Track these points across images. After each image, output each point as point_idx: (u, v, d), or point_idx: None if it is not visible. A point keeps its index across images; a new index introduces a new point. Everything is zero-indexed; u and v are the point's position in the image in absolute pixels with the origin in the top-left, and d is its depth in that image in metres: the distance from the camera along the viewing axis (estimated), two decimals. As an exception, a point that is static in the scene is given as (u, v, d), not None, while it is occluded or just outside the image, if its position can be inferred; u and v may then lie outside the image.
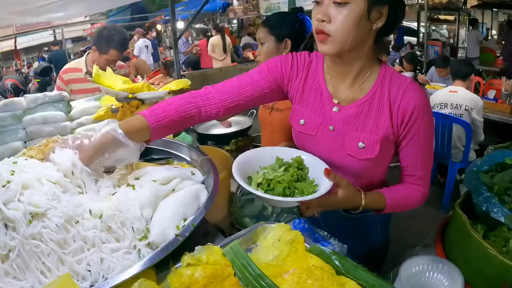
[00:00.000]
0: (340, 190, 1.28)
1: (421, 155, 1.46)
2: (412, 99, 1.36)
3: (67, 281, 0.92)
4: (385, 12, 1.29)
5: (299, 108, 1.55)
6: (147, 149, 1.78)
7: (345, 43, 1.28)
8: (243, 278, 0.96)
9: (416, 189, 1.53)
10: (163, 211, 1.19)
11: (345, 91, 1.45)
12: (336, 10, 1.24)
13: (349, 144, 1.43)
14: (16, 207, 1.06)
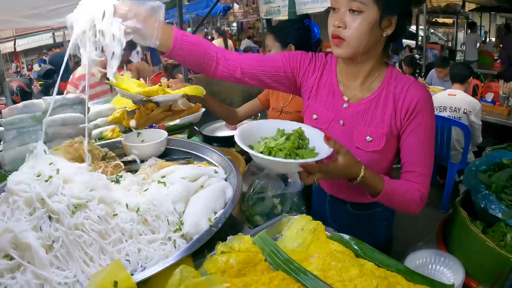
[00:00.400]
0: (340, 157, 1.31)
1: (421, 150, 1.50)
2: (416, 95, 1.46)
3: (117, 266, 1.00)
4: (394, 21, 1.42)
5: (313, 104, 1.65)
6: (167, 150, 1.92)
7: (358, 47, 1.40)
8: (273, 263, 1.07)
9: (415, 188, 1.51)
10: (195, 205, 1.29)
11: (355, 90, 1.56)
12: (351, 17, 1.37)
13: (357, 137, 1.53)
14: (60, 199, 1.15)
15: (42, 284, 1.06)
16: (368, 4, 1.34)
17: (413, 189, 1.50)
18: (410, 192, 1.49)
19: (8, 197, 1.23)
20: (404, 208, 1.53)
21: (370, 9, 1.35)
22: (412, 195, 1.49)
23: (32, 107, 2.33)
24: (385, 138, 1.50)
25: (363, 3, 1.34)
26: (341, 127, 1.57)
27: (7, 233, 1.10)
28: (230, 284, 0.95)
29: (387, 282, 0.96)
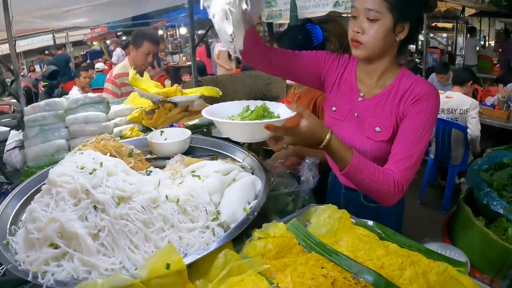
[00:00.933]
0: (304, 120, 1.36)
1: (412, 135, 1.52)
2: (424, 89, 1.57)
3: (170, 250, 1.08)
4: (407, 27, 1.57)
5: (333, 97, 1.81)
6: (190, 147, 2.00)
7: (374, 50, 1.57)
8: (307, 246, 1.18)
9: (390, 171, 1.49)
10: (230, 196, 1.40)
11: (370, 87, 1.71)
12: (369, 24, 1.53)
13: (368, 128, 1.66)
14: (104, 191, 1.23)
15: (90, 271, 1.11)
16: (383, 13, 1.50)
17: (387, 172, 1.48)
18: (382, 174, 1.46)
19: (50, 188, 1.28)
20: (374, 192, 1.48)
21: (385, 17, 1.51)
22: (384, 177, 1.45)
23: (54, 105, 2.43)
24: (392, 129, 1.61)
25: (379, 12, 1.50)
26: (356, 118, 1.71)
27: (53, 223, 1.15)
28: (270, 265, 1.06)
29: (410, 260, 1.07)
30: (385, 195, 1.47)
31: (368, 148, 1.66)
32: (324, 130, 1.40)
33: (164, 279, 1.00)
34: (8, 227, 1.39)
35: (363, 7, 1.54)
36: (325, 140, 1.39)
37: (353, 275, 1.02)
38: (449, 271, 1.05)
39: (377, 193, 1.48)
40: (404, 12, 1.52)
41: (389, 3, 1.50)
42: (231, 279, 1.00)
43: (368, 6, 1.52)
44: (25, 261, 1.17)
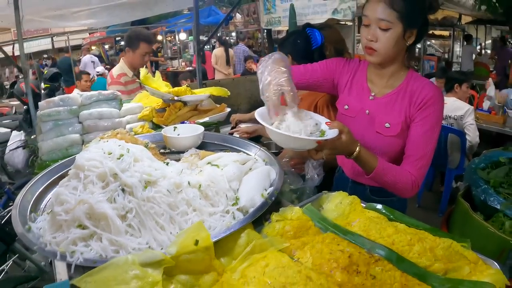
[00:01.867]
0: (344, 135, 1.52)
1: (423, 137, 1.71)
2: (430, 91, 1.72)
3: (199, 227, 1.14)
4: (415, 32, 1.70)
5: (346, 97, 1.94)
6: (203, 143, 2.09)
7: (387, 56, 1.71)
8: (322, 228, 1.28)
9: (408, 171, 1.69)
10: (248, 183, 1.49)
11: (381, 87, 1.85)
12: (381, 33, 1.66)
13: (378, 124, 1.79)
14: (131, 175, 1.30)
15: (118, 250, 1.16)
16: (394, 22, 1.63)
17: (405, 172, 1.69)
18: (402, 174, 1.69)
19: (78, 173, 1.33)
20: (396, 189, 1.71)
21: (396, 26, 1.64)
22: (403, 177, 1.68)
23: (68, 101, 2.48)
24: (401, 126, 1.74)
25: (390, 21, 1.63)
26: (367, 115, 1.84)
27: (82, 205, 1.19)
28: (290, 243, 1.15)
29: (417, 236, 1.17)
30: (404, 191, 1.70)
31: (377, 143, 1.80)
32: (355, 143, 1.59)
33: (193, 255, 1.07)
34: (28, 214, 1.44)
35: (374, 17, 1.66)
36: (355, 152, 1.59)
37: (367, 250, 1.11)
38: (454, 246, 1.15)
39: (397, 189, 1.71)
40: (412, 19, 1.65)
41: (399, 12, 1.61)
42: (255, 256, 1.08)
43: (379, 16, 1.64)
44: (51, 242, 1.21)
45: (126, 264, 1.02)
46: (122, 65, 3.89)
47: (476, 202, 2.46)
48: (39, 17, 4.53)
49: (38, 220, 1.39)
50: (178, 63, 15.59)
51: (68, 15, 4.58)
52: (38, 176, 1.70)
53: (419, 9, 1.67)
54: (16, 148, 5.10)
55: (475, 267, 1.12)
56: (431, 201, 5.21)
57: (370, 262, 1.05)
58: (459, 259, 1.13)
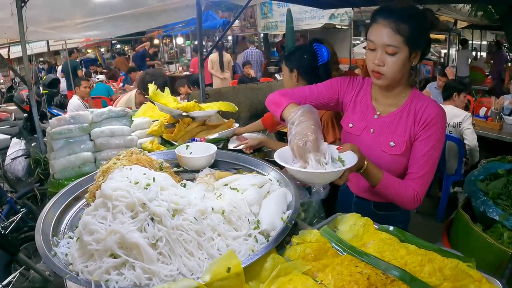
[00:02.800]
0: (356, 153, 1.63)
1: (426, 156, 1.78)
2: (433, 111, 1.78)
3: (231, 255, 1.21)
4: (420, 52, 1.75)
5: (350, 115, 2.01)
6: (215, 161, 2.14)
7: (394, 79, 1.77)
8: (340, 250, 1.37)
9: (410, 186, 1.78)
10: (267, 207, 1.56)
11: (385, 106, 1.91)
12: (388, 57, 1.71)
13: (383, 142, 1.85)
14: (159, 204, 1.33)
15: (150, 277, 1.21)
16: (400, 47, 1.67)
17: (408, 187, 1.78)
18: (405, 188, 1.78)
19: (106, 202, 1.37)
20: (399, 201, 1.81)
21: (402, 50, 1.68)
22: (406, 191, 1.78)
23: (79, 118, 2.51)
24: (405, 145, 1.81)
25: (397, 47, 1.67)
26: (371, 134, 1.91)
27: (113, 235, 1.24)
28: (311, 266, 1.24)
29: (427, 257, 1.27)
30: (407, 204, 1.80)
31: (382, 161, 1.85)
32: (363, 158, 1.70)
33: (225, 282, 1.14)
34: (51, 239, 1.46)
35: (381, 43, 1.70)
36: (364, 166, 1.70)
37: (382, 271, 1.20)
38: (460, 266, 1.25)
39: (400, 202, 1.82)
40: (417, 42, 1.70)
41: (405, 37, 1.66)
42: (281, 279, 1.17)
43: (386, 42, 1.68)
44: (83, 271, 1.25)
45: None
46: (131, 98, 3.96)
47: (475, 213, 2.56)
48: (43, 29, 4.57)
49: (61, 245, 1.43)
50: (175, 68, 15.60)
51: (72, 26, 4.64)
52: (55, 198, 1.72)
53: (423, 31, 1.71)
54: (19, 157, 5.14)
55: (480, 285, 1.22)
56: (429, 207, 5.30)
57: (386, 282, 1.14)
58: (465, 278, 1.23)
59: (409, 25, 1.66)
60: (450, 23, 11.93)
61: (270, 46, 15.92)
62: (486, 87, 10.22)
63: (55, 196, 1.73)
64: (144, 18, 5.19)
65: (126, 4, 4.44)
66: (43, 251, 1.35)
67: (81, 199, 1.78)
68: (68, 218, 1.67)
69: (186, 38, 17.06)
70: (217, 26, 13.20)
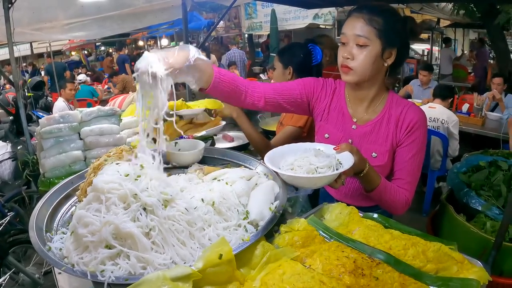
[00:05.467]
0: (355, 155, 1.54)
1: (412, 161, 1.75)
2: (415, 116, 1.74)
3: (222, 242, 1.24)
4: (394, 53, 1.69)
5: (324, 125, 1.92)
6: (203, 157, 2.18)
7: (364, 75, 1.69)
8: (327, 237, 1.41)
9: (402, 192, 1.76)
10: (256, 198, 1.60)
11: (362, 113, 1.83)
12: (358, 50, 1.64)
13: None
14: (150, 194, 1.38)
15: (145, 266, 1.23)
16: (372, 39, 1.62)
17: (401, 193, 1.76)
18: (398, 194, 1.75)
19: (98, 195, 1.39)
20: (391, 207, 1.79)
21: (374, 44, 1.63)
22: (399, 196, 1.75)
23: (68, 118, 2.52)
24: (388, 155, 1.78)
25: (368, 38, 1.62)
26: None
27: (107, 226, 1.25)
28: (299, 252, 1.29)
29: (411, 242, 1.33)
30: (397, 209, 1.80)
31: None
32: (364, 161, 1.62)
33: (217, 268, 1.17)
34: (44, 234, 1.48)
35: (352, 33, 1.65)
36: (365, 169, 1.62)
37: (368, 255, 1.26)
38: (442, 249, 1.30)
39: (390, 208, 1.80)
40: (391, 38, 1.65)
41: (378, 30, 1.62)
42: (270, 265, 1.21)
43: (357, 32, 1.63)
44: (79, 262, 1.27)
45: (158, 280, 1.11)
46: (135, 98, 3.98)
47: (459, 204, 2.64)
48: (30, 30, 4.56)
49: (55, 240, 1.45)
50: (160, 69, 15.48)
51: (58, 27, 4.63)
52: (47, 195, 1.74)
53: (398, 29, 1.67)
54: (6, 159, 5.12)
55: (462, 266, 1.27)
56: (414, 202, 5.26)
57: (372, 265, 1.19)
58: (448, 260, 1.28)
59: (382, 18, 1.63)
60: (433, 21, 12.11)
61: (254, 46, 15.97)
62: (469, 84, 10.39)
63: (48, 193, 1.75)
64: (130, 19, 5.20)
65: (112, 5, 4.45)
66: (38, 246, 1.36)
67: (71, 197, 1.79)
68: (60, 215, 1.68)
69: (170, 40, 17.02)
70: (202, 27, 13.21)
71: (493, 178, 2.70)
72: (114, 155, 1.98)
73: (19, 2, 3.18)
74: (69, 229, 1.43)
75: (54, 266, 1.30)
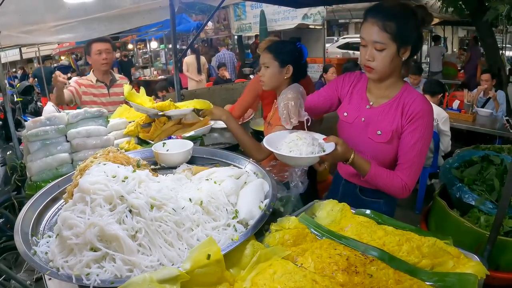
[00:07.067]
0: (339, 146, 1.77)
1: (413, 148, 1.87)
2: (419, 105, 1.87)
3: (210, 242, 1.22)
4: (409, 48, 1.83)
5: (346, 105, 2.12)
6: (192, 157, 2.16)
7: (384, 73, 1.89)
8: (318, 234, 1.39)
9: (399, 176, 1.89)
10: (245, 197, 1.58)
11: (377, 97, 2.02)
12: (377, 53, 1.82)
13: (371, 131, 1.95)
14: (137, 196, 1.35)
15: (131, 269, 1.20)
16: (388, 43, 1.78)
17: (397, 177, 1.88)
18: (393, 179, 1.88)
19: (84, 196, 1.37)
20: (389, 191, 1.92)
21: (390, 46, 1.79)
22: (394, 181, 1.88)
23: (55, 120, 2.49)
24: (391, 134, 1.90)
25: (384, 43, 1.78)
26: (362, 122, 2.01)
27: (92, 228, 1.23)
28: (290, 251, 1.26)
29: (405, 237, 1.30)
30: (395, 193, 1.91)
31: (369, 148, 1.97)
32: (350, 151, 1.83)
33: (206, 269, 1.15)
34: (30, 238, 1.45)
35: (370, 39, 1.81)
36: (351, 158, 1.82)
37: (361, 252, 1.22)
38: (437, 244, 1.28)
39: (389, 192, 1.92)
40: (405, 38, 1.79)
41: (391, 34, 1.76)
42: (261, 265, 1.18)
43: (374, 39, 1.79)
44: (63, 266, 1.24)
45: (145, 282, 1.08)
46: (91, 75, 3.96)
47: (452, 200, 2.62)
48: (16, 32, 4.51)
49: (41, 244, 1.41)
50: (150, 72, 15.48)
51: (46, 29, 4.58)
52: (33, 199, 1.71)
53: (411, 28, 1.80)
54: (-2, 166, 5.04)
55: (458, 261, 1.26)
56: (407, 199, 5.28)
57: (366, 262, 1.16)
58: (443, 255, 1.26)
59: (395, 22, 1.75)
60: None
61: (244, 48, 15.95)
62: (459, 81, 10.43)
63: (33, 197, 1.72)
64: (118, 20, 5.17)
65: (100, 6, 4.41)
66: (23, 250, 1.33)
67: (59, 200, 1.76)
68: (47, 219, 1.65)
69: (160, 42, 16.95)
70: (191, 29, 13.19)
71: (485, 172, 2.69)
72: (101, 157, 1.96)
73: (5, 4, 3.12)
74: (54, 232, 1.41)
75: (39, 270, 1.27)
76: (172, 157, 2.09)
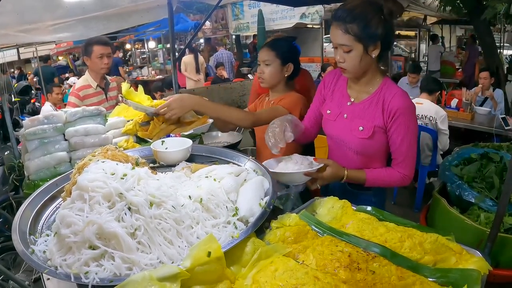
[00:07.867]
0: (329, 167, 1.89)
1: (402, 143, 1.94)
2: (398, 103, 1.90)
3: (211, 239, 1.20)
4: (378, 44, 1.86)
5: (329, 103, 2.18)
6: (191, 155, 2.15)
7: (357, 72, 1.95)
8: (319, 231, 1.38)
9: (396, 170, 1.99)
10: (245, 194, 1.57)
11: (357, 93, 2.05)
12: (345, 54, 1.87)
13: (354, 127, 2.00)
14: (136, 194, 1.34)
15: (130, 267, 1.19)
16: (353, 44, 1.82)
17: (394, 172, 1.99)
18: (391, 175, 2.00)
19: (82, 194, 1.35)
20: (390, 186, 2.05)
21: (356, 47, 1.83)
22: (392, 177, 2.00)
23: (52, 118, 2.47)
24: (373, 129, 1.95)
25: (349, 45, 1.83)
26: (344, 119, 2.06)
27: (91, 226, 1.21)
28: (292, 248, 1.25)
29: (407, 234, 1.30)
30: (398, 185, 2.03)
31: (352, 144, 2.04)
32: (342, 169, 1.95)
33: (206, 266, 1.13)
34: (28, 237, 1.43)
35: (336, 42, 1.87)
36: (344, 176, 1.95)
37: (363, 249, 1.22)
38: (440, 240, 1.28)
39: (392, 186, 2.10)
40: (370, 37, 1.82)
41: (355, 35, 1.80)
42: (262, 262, 1.17)
43: (339, 41, 1.85)
44: (62, 264, 1.22)
45: (144, 280, 1.06)
46: (87, 76, 3.95)
47: (451, 198, 2.61)
48: (14, 32, 4.47)
49: (39, 243, 1.40)
50: (147, 72, 15.45)
51: (43, 28, 4.55)
52: (31, 197, 1.69)
53: (375, 25, 1.81)
54: (-4, 166, 5.03)
55: (460, 257, 1.25)
56: (406, 198, 5.39)
57: (368, 259, 1.15)
58: (446, 251, 1.26)
59: (357, 23, 1.79)
60: (420, 19, 12.15)
61: (242, 47, 15.93)
62: (457, 80, 10.44)
63: (31, 196, 1.70)
64: (116, 18, 5.15)
65: (97, 5, 4.39)
66: (20, 249, 1.32)
67: (57, 199, 1.74)
68: (45, 218, 1.63)
69: (158, 42, 16.91)
70: (189, 28, 13.15)
71: (485, 170, 2.69)
72: (99, 155, 1.95)
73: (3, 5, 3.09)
74: (53, 230, 1.40)
75: (37, 269, 1.25)
76: (171, 155, 2.08)
